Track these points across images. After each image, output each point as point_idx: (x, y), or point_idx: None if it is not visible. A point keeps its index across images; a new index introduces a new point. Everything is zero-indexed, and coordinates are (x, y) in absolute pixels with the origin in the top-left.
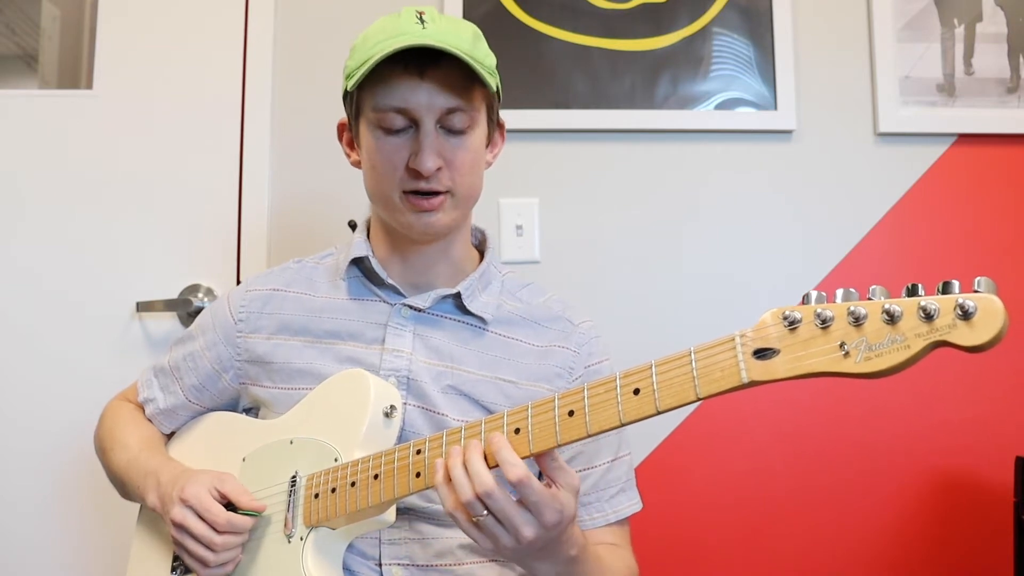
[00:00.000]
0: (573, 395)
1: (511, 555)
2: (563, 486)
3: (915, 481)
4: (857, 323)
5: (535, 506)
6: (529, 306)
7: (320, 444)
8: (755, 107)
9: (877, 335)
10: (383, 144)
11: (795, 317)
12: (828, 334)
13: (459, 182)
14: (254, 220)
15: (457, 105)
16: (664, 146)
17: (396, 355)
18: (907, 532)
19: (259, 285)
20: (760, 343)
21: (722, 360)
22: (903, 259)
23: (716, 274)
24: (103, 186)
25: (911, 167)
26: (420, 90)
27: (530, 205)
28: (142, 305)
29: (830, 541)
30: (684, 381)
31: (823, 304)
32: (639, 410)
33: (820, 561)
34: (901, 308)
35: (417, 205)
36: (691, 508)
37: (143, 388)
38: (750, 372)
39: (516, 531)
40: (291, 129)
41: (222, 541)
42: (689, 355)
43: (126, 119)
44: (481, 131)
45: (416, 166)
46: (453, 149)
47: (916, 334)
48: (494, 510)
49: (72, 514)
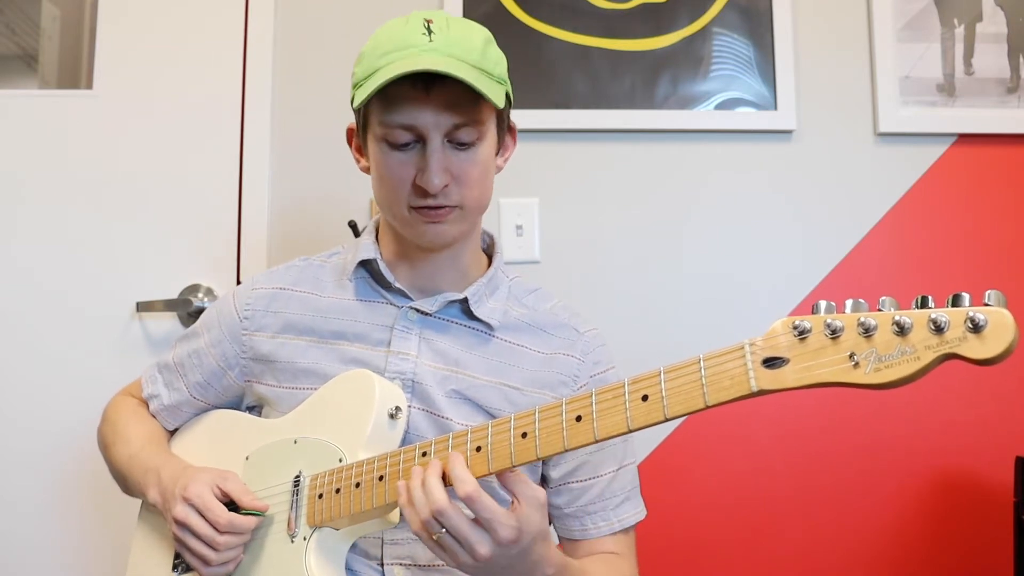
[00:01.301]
0: (581, 400)
1: (474, 573)
2: (525, 501)
3: (915, 481)
4: (867, 334)
5: (488, 523)
6: (535, 312)
7: (324, 444)
8: (755, 107)
9: (887, 346)
10: (390, 159)
11: (805, 327)
12: (838, 344)
13: (468, 196)
14: (254, 220)
15: (464, 121)
16: (664, 146)
17: (402, 358)
18: (908, 532)
19: (265, 283)
20: (770, 352)
21: (731, 368)
22: (903, 260)
23: (716, 274)
24: (103, 186)
25: (911, 167)
26: (426, 108)
27: (530, 205)
28: (142, 305)
29: (831, 541)
30: (693, 389)
31: (833, 314)
32: (647, 416)
33: (821, 561)
34: (911, 320)
35: (426, 216)
36: (691, 508)
37: (147, 384)
38: (759, 381)
39: (471, 549)
40: (291, 129)
41: (224, 540)
42: (698, 363)
43: (126, 119)
44: (490, 141)
45: (423, 184)
46: (461, 164)
47: (926, 346)
48: (449, 527)
49: (72, 514)
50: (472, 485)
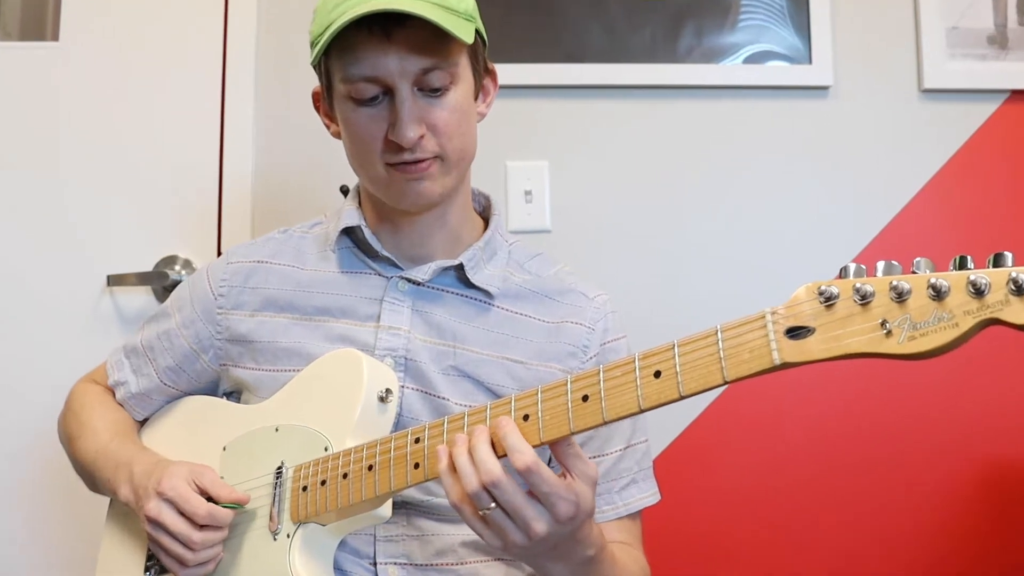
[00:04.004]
0: (587, 378)
1: (521, 553)
2: (578, 476)
3: (966, 470)
4: (900, 299)
5: (546, 497)
6: (539, 278)
7: (308, 432)
8: (787, 61)
9: (922, 312)
10: (358, 116)
11: (832, 292)
12: (868, 311)
13: (447, 146)
14: (236, 185)
15: (432, 64)
16: (687, 103)
17: (392, 333)
18: (956, 529)
19: (241, 257)
20: (793, 321)
21: (752, 339)
22: (951, 228)
23: (744, 243)
24: (69, 148)
25: (959, 127)
26: (389, 54)
27: (540, 168)
28: (113, 279)
29: (868, 539)
30: (710, 363)
31: (862, 278)
32: (660, 395)
33: (856, 562)
34: (948, 283)
35: (405, 172)
36: (713, 503)
37: (113, 370)
38: (782, 353)
39: (526, 525)
40: (277, 87)
41: (201, 538)
42: (715, 334)
43: (95, 75)
44: (465, 85)
45: (396, 138)
46: (435, 111)
47: (965, 311)
48: (502, 502)
49: (36, 509)
50: (532, 456)
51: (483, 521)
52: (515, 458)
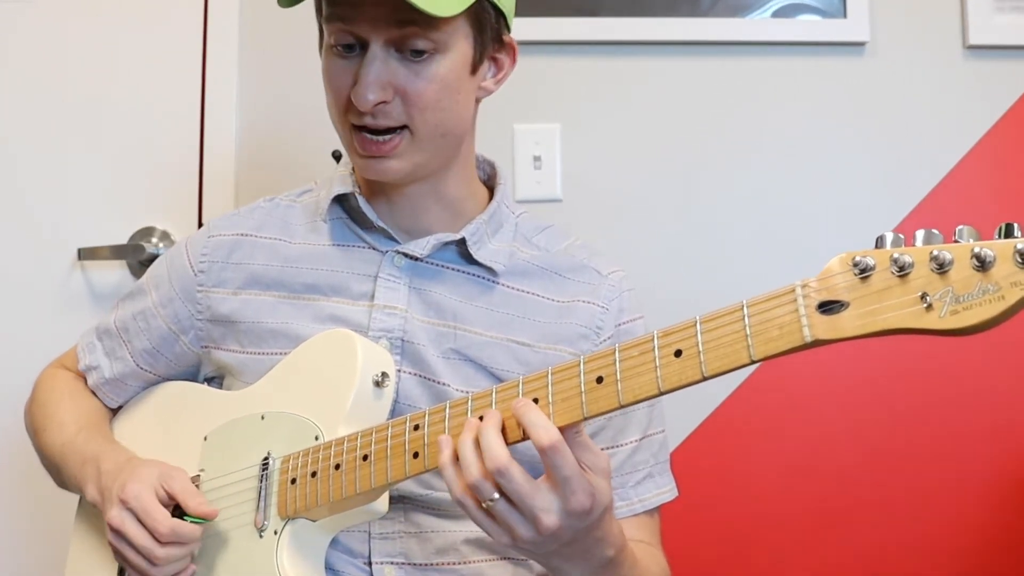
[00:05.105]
0: (602, 358)
1: (532, 550)
2: (589, 468)
3: (1012, 461)
4: (941, 270)
5: (566, 482)
6: (548, 253)
7: (297, 419)
8: (820, 14)
9: (965, 284)
10: (331, 65)
11: (868, 263)
12: (907, 283)
13: (418, 119)
14: (219, 150)
15: (410, 24)
16: (711, 61)
17: (388, 312)
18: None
19: (224, 229)
20: (826, 295)
21: (781, 315)
22: (997, 195)
23: (772, 213)
24: (37, 109)
25: (1007, 86)
26: (366, 2)
27: (550, 132)
28: (84, 252)
29: (907, 545)
30: (735, 340)
31: (900, 248)
32: (681, 376)
33: (893, 566)
34: (994, 252)
35: (366, 149)
36: (734, 500)
37: (84, 353)
38: (814, 329)
39: (535, 518)
40: (263, 41)
41: (164, 554)
42: (741, 309)
43: (65, 27)
44: (457, 55)
45: (353, 97)
46: (409, 77)
47: (1012, 282)
48: (508, 491)
49: (1, 507)
50: (556, 434)
51: (487, 515)
52: (539, 434)
